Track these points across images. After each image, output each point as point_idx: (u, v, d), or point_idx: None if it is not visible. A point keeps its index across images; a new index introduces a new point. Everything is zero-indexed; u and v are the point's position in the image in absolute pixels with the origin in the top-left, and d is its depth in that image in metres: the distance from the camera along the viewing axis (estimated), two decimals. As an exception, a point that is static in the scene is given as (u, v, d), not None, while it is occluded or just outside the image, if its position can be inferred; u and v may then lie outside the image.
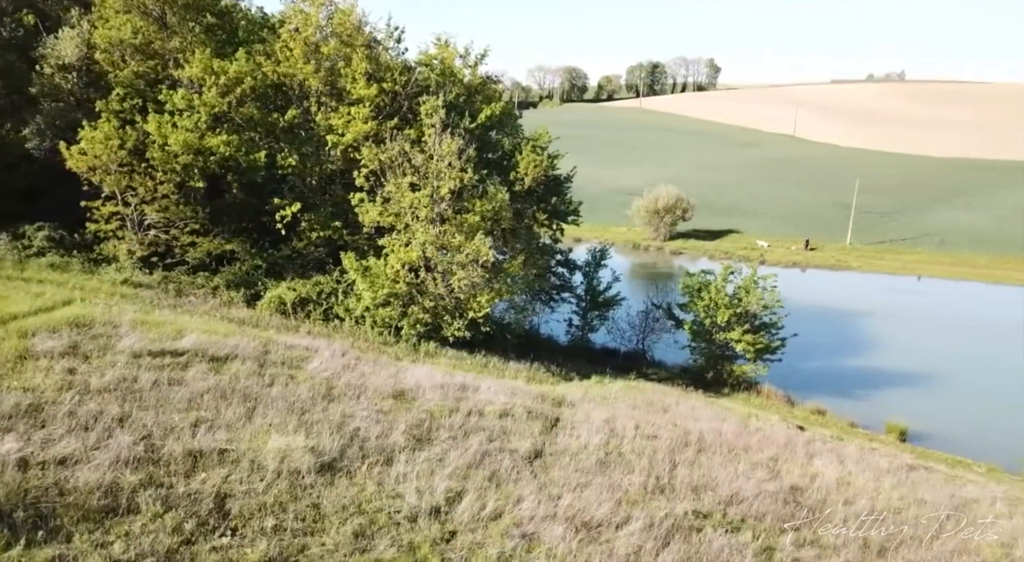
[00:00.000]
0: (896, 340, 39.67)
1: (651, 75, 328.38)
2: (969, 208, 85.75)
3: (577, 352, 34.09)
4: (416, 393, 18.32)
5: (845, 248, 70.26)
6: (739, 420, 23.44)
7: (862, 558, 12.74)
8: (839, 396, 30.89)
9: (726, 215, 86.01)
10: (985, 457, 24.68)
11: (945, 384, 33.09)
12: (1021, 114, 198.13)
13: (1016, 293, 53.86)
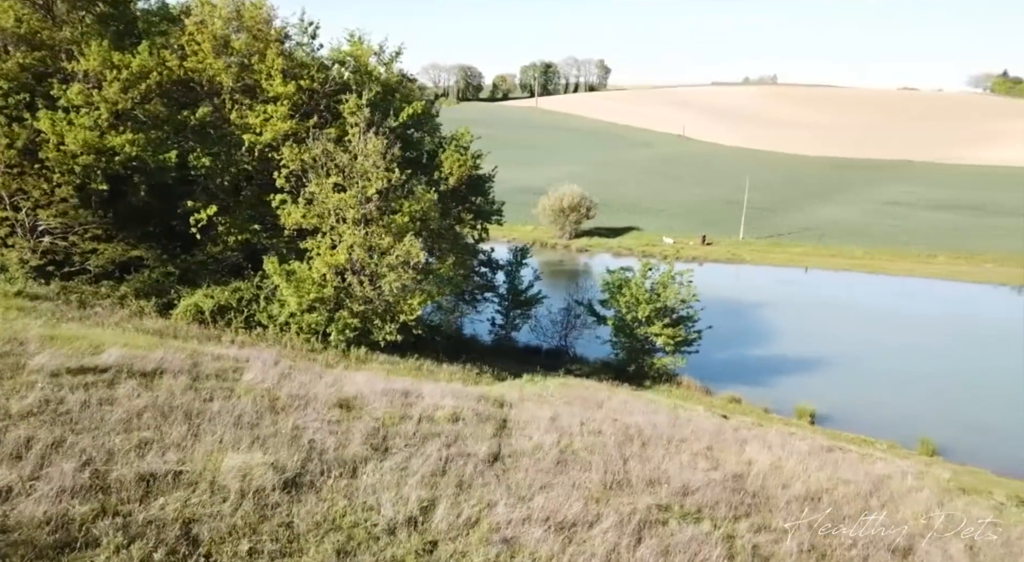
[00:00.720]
0: (795, 328, 42.39)
1: (544, 75, 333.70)
2: (842, 203, 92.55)
3: (502, 351, 34.29)
4: (361, 401, 17.88)
5: (738, 243, 74.20)
6: (668, 412, 24.35)
7: (811, 539, 13.54)
8: (751, 384, 32.68)
9: (625, 213, 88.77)
10: (883, 434, 26.82)
11: (842, 368, 35.70)
12: (882, 117, 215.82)
13: (892, 282, 58.73)
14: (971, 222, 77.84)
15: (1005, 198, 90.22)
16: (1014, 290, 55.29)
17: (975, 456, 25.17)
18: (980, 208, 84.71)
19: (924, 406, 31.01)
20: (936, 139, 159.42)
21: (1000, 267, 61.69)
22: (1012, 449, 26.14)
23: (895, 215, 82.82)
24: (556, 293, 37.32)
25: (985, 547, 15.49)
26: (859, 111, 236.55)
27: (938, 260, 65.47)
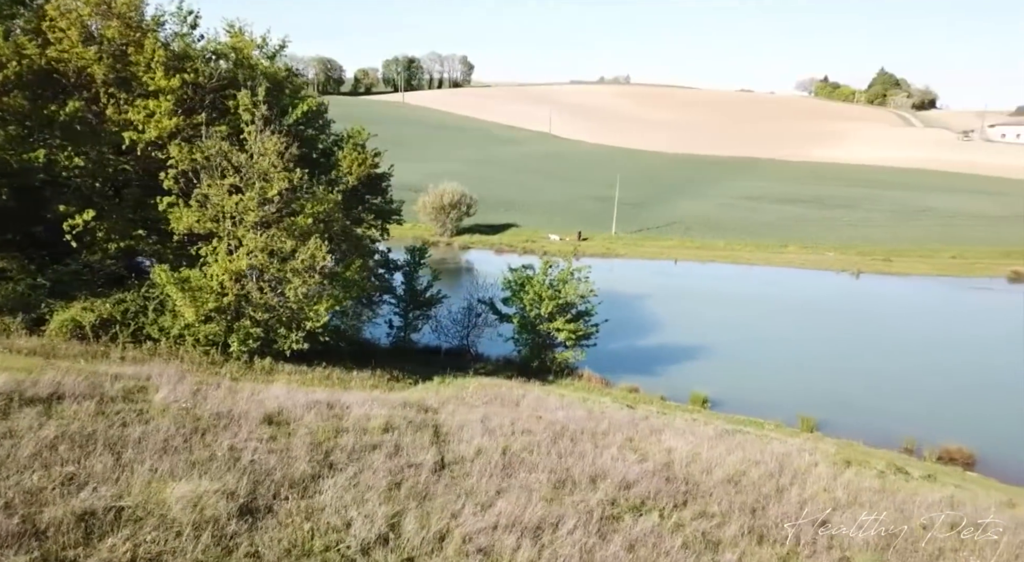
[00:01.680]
0: (677, 317, 44.90)
1: (408, 70, 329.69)
2: (700, 198, 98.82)
3: (403, 354, 33.80)
4: (288, 415, 17.06)
5: (612, 237, 77.33)
6: (581, 406, 25.06)
7: (751, 521, 14.50)
8: (645, 373, 34.30)
9: (503, 210, 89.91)
10: (769, 415, 29.03)
11: (724, 353, 38.27)
12: (728, 117, 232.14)
13: (752, 270, 63.57)
14: (813, 214, 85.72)
15: (840, 192, 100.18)
16: (853, 276, 61.49)
17: (847, 430, 27.86)
18: (820, 202, 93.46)
19: (799, 386, 33.93)
20: (776, 138, 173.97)
21: (841, 255, 68.50)
22: (875, 421, 29.14)
23: (748, 209, 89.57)
24: (446, 291, 37.17)
25: (880, 508, 17.24)
26: (706, 111, 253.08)
27: (788, 250, 71.62)
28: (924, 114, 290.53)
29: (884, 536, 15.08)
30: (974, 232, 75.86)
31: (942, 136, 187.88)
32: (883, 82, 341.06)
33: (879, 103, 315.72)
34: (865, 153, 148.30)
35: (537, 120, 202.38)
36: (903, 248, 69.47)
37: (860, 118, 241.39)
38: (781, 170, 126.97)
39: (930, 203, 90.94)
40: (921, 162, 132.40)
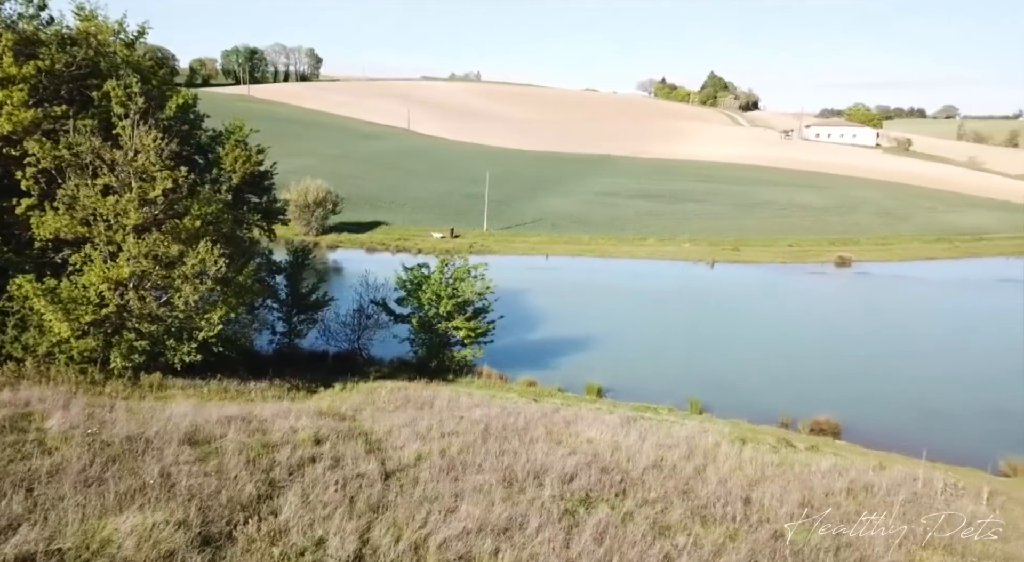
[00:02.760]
0: (560, 310, 46.14)
1: (250, 61, 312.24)
2: (563, 195, 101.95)
3: (289, 361, 32.20)
4: (207, 434, 15.85)
5: (483, 234, 77.96)
6: (493, 403, 25.19)
7: (689, 504, 15.30)
8: (538, 367, 34.96)
9: (369, 207, 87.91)
10: (660, 400, 30.57)
11: (608, 342, 39.82)
12: (580, 115, 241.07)
13: (619, 263, 66.57)
14: (666, 209, 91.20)
15: (688, 187, 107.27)
16: (708, 265, 66.21)
17: (730, 409, 29.94)
18: (671, 196, 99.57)
19: (682, 370, 36.05)
20: (626, 136, 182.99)
21: (695, 246, 73.46)
22: (752, 399, 31.58)
23: (608, 205, 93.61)
24: (344, 294, 35.93)
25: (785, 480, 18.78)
26: (557, 109, 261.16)
27: (648, 242, 75.77)
28: (749, 114, 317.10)
29: (800, 506, 16.45)
30: (804, 222, 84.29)
31: (766, 135, 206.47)
32: (713, 85, 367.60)
33: (711, 104, 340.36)
34: (705, 150, 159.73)
35: (394, 116, 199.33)
36: (748, 238, 75.70)
37: (696, 118, 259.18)
38: (634, 167, 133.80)
39: (766, 197, 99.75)
40: (752, 159, 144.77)
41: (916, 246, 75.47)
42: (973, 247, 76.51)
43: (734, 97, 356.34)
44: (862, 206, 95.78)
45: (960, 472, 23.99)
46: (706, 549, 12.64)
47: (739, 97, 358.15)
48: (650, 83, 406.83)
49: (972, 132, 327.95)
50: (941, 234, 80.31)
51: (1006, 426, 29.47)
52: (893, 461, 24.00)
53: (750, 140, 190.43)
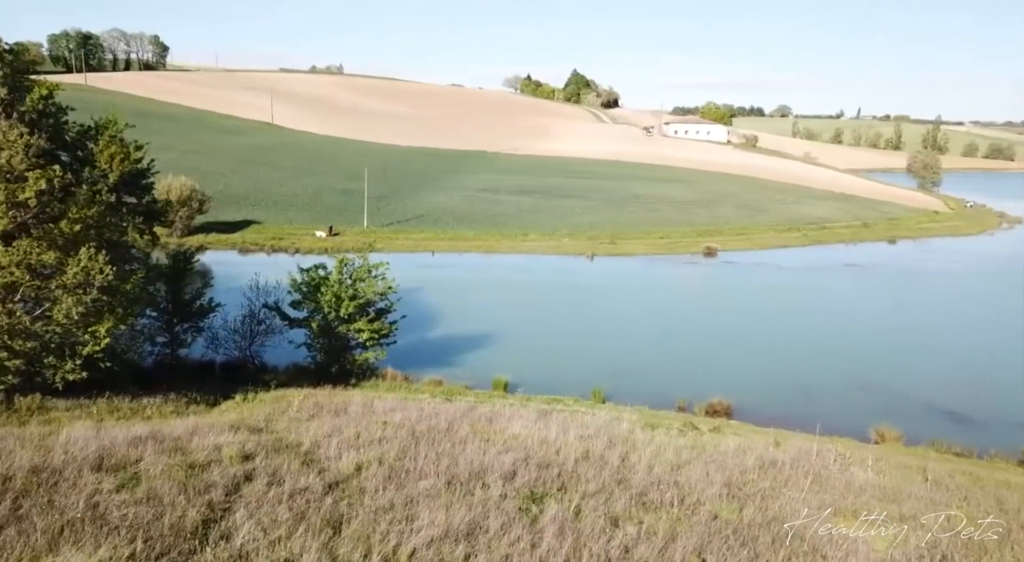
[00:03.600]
0: (457, 306, 45.93)
1: (84, 47, 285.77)
2: (443, 191, 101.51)
3: (173, 373, 30.06)
4: (120, 458, 14.53)
5: (365, 231, 76.07)
6: (408, 406, 24.77)
7: (626, 495, 15.80)
8: (443, 365, 34.71)
9: (236, 206, 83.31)
10: (564, 391, 31.27)
11: (506, 337, 40.18)
12: (450, 110, 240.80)
13: (504, 258, 67.23)
14: (546, 204, 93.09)
15: (564, 183, 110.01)
16: (588, 258, 68.36)
17: (629, 396, 31.11)
18: (549, 192, 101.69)
19: (579, 360, 37.03)
20: (498, 132, 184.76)
21: (575, 240, 75.58)
22: (648, 385, 33.00)
23: (489, 201, 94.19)
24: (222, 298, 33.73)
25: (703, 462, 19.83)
26: (425, 104, 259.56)
27: (530, 237, 77.07)
28: (611, 112, 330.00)
29: (724, 486, 17.45)
30: (673, 215, 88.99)
31: (630, 132, 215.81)
32: (576, 82, 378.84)
33: (575, 101, 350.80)
34: (575, 147, 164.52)
35: (255, 109, 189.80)
36: (623, 231, 78.87)
37: (564, 115, 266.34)
38: (509, 163, 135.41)
39: (636, 191, 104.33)
40: (620, 155, 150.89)
41: (771, 235, 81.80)
42: (819, 235, 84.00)
43: (596, 95, 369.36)
44: (723, 199, 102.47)
45: (839, 442, 26.30)
46: (659, 536, 13.13)
47: (601, 95, 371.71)
48: (516, 80, 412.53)
49: (804, 130, 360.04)
50: (791, 224, 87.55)
51: (870, 398, 32.66)
52: (784, 437, 25.90)
53: (616, 137, 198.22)
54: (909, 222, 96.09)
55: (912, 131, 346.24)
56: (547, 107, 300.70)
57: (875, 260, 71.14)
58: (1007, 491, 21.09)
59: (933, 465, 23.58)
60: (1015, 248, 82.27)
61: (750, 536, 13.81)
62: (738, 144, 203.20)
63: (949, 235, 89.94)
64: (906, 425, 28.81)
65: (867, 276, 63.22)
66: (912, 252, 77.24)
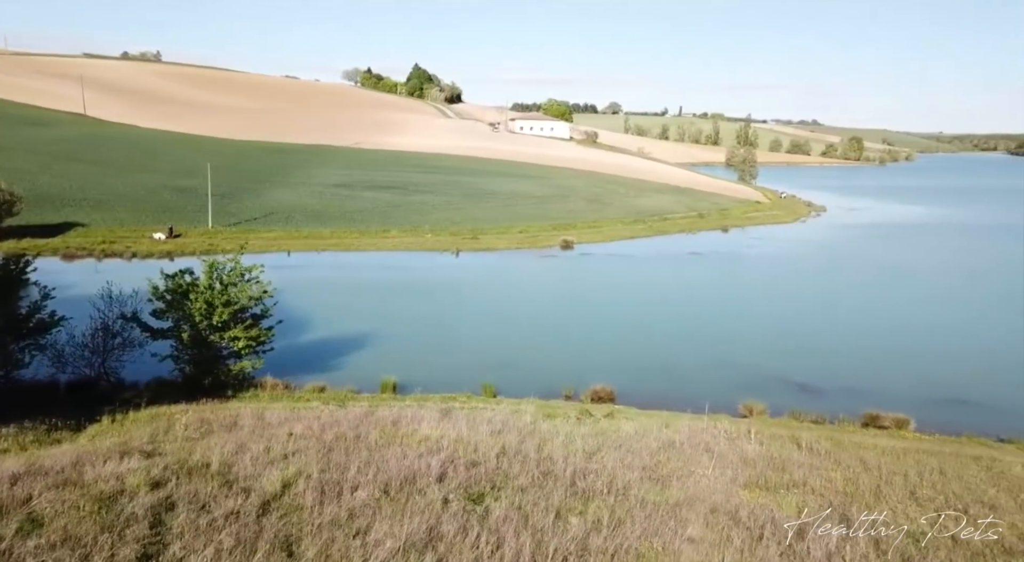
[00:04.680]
0: (326, 308, 44.12)
1: None
2: (291, 187, 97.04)
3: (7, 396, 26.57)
4: (6, 501, 12.58)
5: (210, 232, 71.01)
6: (303, 415, 23.64)
7: (559, 487, 16.15)
8: (323, 370, 33.26)
9: (52, 206, 74.63)
10: (455, 389, 31.13)
11: (388, 336, 39.24)
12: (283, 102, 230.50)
13: (368, 256, 65.57)
14: (403, 200, 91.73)
15: (418, 179, 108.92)
16: (453, 254, 68.42)
17: (517, 389, 31.60)
18: (404, 188, 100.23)
19: (463, 355, 36.99)
20: (343, 127, 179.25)
21: (437, 236, 75.23)
22: (533, 376, 33.65)
23: (343, 197, 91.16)
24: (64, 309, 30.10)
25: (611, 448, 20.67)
26: (258, 96, 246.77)
27: (391, 234, 75.70)
28: (455, 107, 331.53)
29: (641, 470, 18.32)
30: (529, 210, 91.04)
31: (476, 127, 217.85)
32: (418, 76, 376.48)
33: (418, 96, 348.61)
34: (423, 142, 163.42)
35: (62, 98, 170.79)
36: (483, 227, 79.56)
37: (408, 109, 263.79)
38: (358, 158, 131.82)
39: (491, 187, 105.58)
40: (469, 150, 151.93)
41: (620, 228, 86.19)
42: (661, 226, 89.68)
43: (440, 90, 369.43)
44: (573, 194, 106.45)
45: (715, 419, 28.35)
46: (607, 525, 13.56)
47: (444, 90, 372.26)
48: (356, 73, 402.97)
49: (635, 126, 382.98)
50: (637, 216, 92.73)
51: (732, 375, 35.43)
52: (671, 418, 27.52)
53: (463, 132, 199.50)
54: (737, 212, 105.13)
55: (727, 128, 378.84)
56: (390, 101, 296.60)
57: (714, 248, 77.17)
58: (864, 451, 23.80)
59: (800, 433, 26.03)
60: (825, 233, 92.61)
61: (685, 518, 14.60)
62: (580, 140, 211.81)
63: (771, 223, 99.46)
64: (766, 398, 31.52)
65: (710, 262, 68.48)
66: (743, 239, 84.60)
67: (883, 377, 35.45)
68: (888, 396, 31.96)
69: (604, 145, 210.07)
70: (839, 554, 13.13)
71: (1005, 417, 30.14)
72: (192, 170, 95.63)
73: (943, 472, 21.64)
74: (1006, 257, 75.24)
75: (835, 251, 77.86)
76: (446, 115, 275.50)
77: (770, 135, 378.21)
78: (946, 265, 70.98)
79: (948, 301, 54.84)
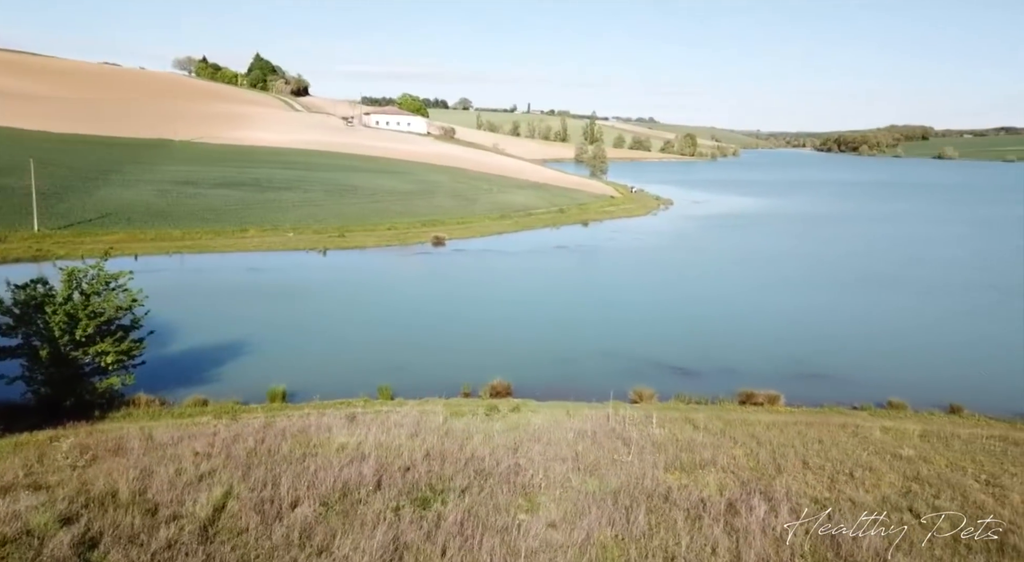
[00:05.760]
0: (190, 316, 40.82)
1: None
2: (129, 185, 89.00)
3: None
4: None
5: (37, 236, 63.53)
6: (199, 433, 21.93)
7: (499, 485, 16.12)
8: (201, 383, 30.87)
9: None
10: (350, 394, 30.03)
11: (265, 343, 37.03)
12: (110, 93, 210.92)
13: (228, 258, 61.50)
14: (258, 197, 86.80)
15: (273, 175, 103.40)
16: (320, 253, 65.83)
17: (417, 390, 31.02)
18: (258, 184, 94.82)
19: (353, 358, 35.68)
20: (180, 119, 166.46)
21: (301, 235, 71.93)
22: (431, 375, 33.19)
23: (189, 194, 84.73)
24: None
25: (532, 441, 20.93)
26: (75, 84, 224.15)
27: (250, 234, 71.41)
28: (303, 100, 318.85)
29: (571, 461, 18.69)
30: (395, 206, 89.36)
31: (330, 121, 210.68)
32: (261, 67, 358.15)
33: (261, 88, 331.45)
34: (274, 136, 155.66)
35: None
36: (350, 224, 77.10)
37: (252, 102, 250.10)
38: (204, 153, 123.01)
39: (353, 183, 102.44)
40: (326, 145, 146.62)
41: (488, 223, 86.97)
42: (527, 221, 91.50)
43: (285, 82, 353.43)
44: (437, 190, 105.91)
45: (612, 406, 29.36)
46: (563, 519, 13.72)
47: (290, 82, 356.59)
48: (189, 62, 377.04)
49: (487, 122, 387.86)
50: (503, 212, 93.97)
51: (618, 362, 36.91)
52: (573, 408, 28.20)
53: (316, 126, 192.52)
54: (594, 207, 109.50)
55: (574, 125, 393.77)
56: (232, 93, 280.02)
57: (578, 241, 79.91)
58: (751, 427, 25.71)
59: (692, 415, 27.64)
60: (677, 224, 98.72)
61: (624, 503, 15.08)
62: (438, 136, 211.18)
63: (625, 217, 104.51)
64: (652, 383, 33.13)
65: (579, 255, 70.86)
66: (604, 233, 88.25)
67: (751, 357, 38.42)
68: (757, 374, 34.69)
69: (462, 141, 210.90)
70: (770, 526, 14.09)
71: (856, 388, 33.66)
72: (4, 167, 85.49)
73: (822, 441, 23.83)
74: (839, 244, 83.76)
75: (690, 241, 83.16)
76: (294, 108, 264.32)
77: (613, 132, 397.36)
78: (790, 251, 77.66)
79: (799, 284, 60.10)
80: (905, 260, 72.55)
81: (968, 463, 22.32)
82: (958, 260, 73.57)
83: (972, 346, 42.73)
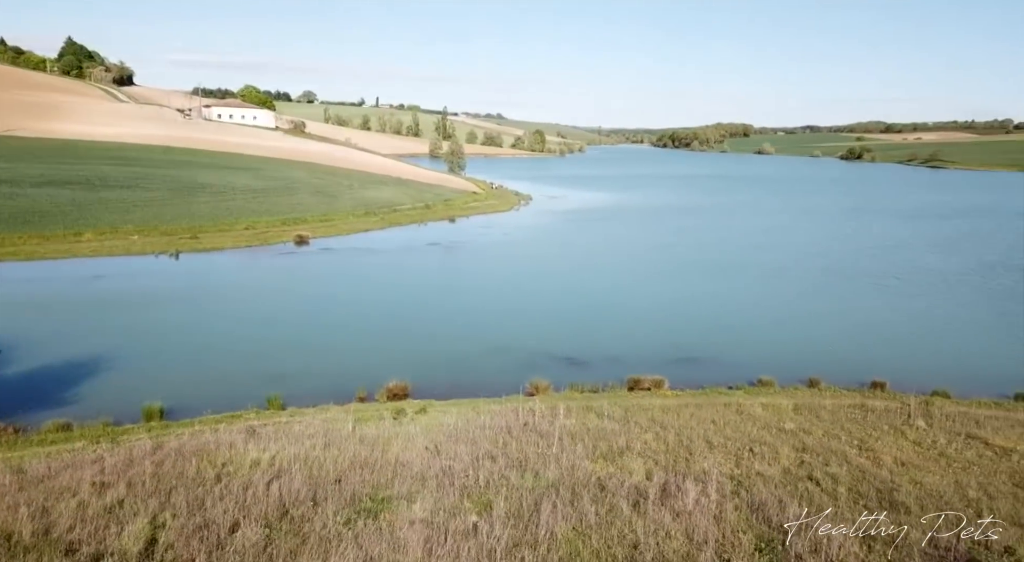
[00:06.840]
0: (37, 331, 36.33)
1: None
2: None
3: None
4: None
5: None
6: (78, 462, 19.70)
7: (440, 490, 15.83)
8: (59, 405, 27.64)
9: None
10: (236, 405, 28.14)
11: (126, 358, 33.70)
12: None
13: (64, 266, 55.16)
14: (91, 197, 78.52)
15: (107, 172, 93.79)
16: (172, 257, 60.90)
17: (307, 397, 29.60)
18: (90, 182, 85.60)
19: (233, 368, 33.32)
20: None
21: (147, 238, 65.91)
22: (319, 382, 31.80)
23: (4, 195, 74.80)
24: None
25: (454, 441, 20.73)
26: None
27: (86, 238, 64.52)
28: (128, 90, 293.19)
29: (502, 459, 18.71)
30: (251, 204, 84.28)
31: (165, 113, 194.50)
32: (74, 53, 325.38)
33: (76, 75, 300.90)
34: (101, 129, 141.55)
35: None
36: (202, 225, 71.78)
37: (67, 91, 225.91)
38: (18, 148, 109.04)
39: (201, 180, 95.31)
40: (164, 139, 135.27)
41: (353, 221, 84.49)
42: (394, 218, 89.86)
43: (105, 69, 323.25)
44: (295, 187, 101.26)
45: (513, 400, 29.62)
46: (512, 519, 13.72)
47: (111, 70, 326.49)
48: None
49: (335, 116, 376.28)
50: (367, 209, 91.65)
51: (509, 357, 37.32)
52: (479, 405, 28.24)
53: (148, 119, 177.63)
54: (459, 203, 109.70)
55: (425, 120, 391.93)
56: (41, 80, 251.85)
57: (449, 238, 79.61)
58: (649, 412, 27.00)
59: (591, 403, 28.55)
60: (541, 219, 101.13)
61: (567, 497, 15.34)
62: (288, 130, 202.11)
63: (490, 212, 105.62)
64: (544, 375, 33.84)
65: (452, 252, 70.61)
66: (472, 228, 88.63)
67: (633, 344, 40.26)
68: (641, 360, 36.44)
69: (313, 135, 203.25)
70: (707, 507, 14.91)
71: (729, 368, 36.26)
72: None
73: (715, 421, 25.50)
74: (694, 235, 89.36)
75: (558, 235, 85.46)
76: (119, 99, 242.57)
77: (464, 128, 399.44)
78: (652, 243, 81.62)
79: (667, 274, 63.35)
80: (751, 246, 78.89)
81: (840, 431, 24.79)
82: (795, 245, 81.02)
83: (822, 323, 47.35)
